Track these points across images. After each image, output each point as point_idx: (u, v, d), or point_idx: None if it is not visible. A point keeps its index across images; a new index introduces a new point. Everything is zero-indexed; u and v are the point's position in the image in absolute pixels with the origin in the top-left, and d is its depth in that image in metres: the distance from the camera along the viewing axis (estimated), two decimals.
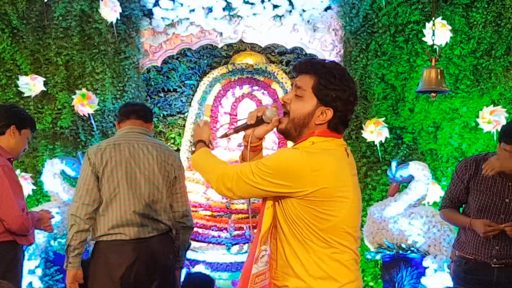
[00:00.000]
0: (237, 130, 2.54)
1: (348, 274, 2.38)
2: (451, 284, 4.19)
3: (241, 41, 6.60)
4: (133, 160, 3.83)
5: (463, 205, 4.05)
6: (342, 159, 2.40)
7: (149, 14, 6.43)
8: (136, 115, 4.02)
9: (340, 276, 2.35)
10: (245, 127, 2.52)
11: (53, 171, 5.68)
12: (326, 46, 6.42)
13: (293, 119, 2.43)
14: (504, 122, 5.56)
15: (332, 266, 2.35)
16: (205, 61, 6.76)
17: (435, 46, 4.99)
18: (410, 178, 5.63)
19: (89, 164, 3.77)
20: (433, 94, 4.85)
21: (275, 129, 2.49)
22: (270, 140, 6.44)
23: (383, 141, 5.96)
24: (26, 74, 5.99)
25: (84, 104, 5.86)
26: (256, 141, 2.54)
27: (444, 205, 4.14)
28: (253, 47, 6.74)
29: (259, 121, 2.49)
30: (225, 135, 2.57)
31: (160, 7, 6.36)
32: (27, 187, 5.73)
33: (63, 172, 5.74)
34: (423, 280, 5.42)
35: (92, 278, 3.78)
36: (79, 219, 3.69)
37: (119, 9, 6.03)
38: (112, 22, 6.06)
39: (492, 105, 5.77)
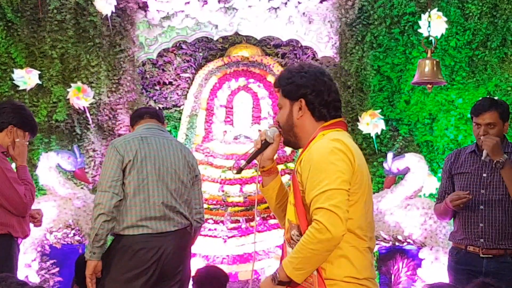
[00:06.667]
0: (249, 160, 2.69)
1: None
2: (447, 275, 4.22)
3: (236, 33, 6.58)
4: (161, 153, 3.82)
5: None
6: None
7: (144, 6, 6.40)
8: (150, 115, 4.08)
9: None
10: (255, 154, 2.68)
11: (48, 164, 5.67)
12: (322, 38, 6.40)
13: (282, 127, 2.65)
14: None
15: None
16: (201, 54, 6.75)
17: (430, 38, 4.98)
18: (406, 170, 5.64)
19: (118, 155, 3.72)
20: (429, 86, 4.85)
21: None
22: None
23: (379, 133, 5.96)
24: (21, 67, 5.97)
25: (80, 97, 5.85)
26: (269, 163, 2.71)
27: (435, 203, 4.28)
28: (248, 40, 6.72)
29: (265, 144, 2.66)
30: (240, 170, 2.71)
31: (155, 0, 6.33)
32: None
33: (58, 166, 5.73)
34: (419, 271, 5.43)
35: (114, 272, 3.71)
36: (109, 207, 3.62)
37: (114, 2, 6.00)
38: (107, 15, 6.04)
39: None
